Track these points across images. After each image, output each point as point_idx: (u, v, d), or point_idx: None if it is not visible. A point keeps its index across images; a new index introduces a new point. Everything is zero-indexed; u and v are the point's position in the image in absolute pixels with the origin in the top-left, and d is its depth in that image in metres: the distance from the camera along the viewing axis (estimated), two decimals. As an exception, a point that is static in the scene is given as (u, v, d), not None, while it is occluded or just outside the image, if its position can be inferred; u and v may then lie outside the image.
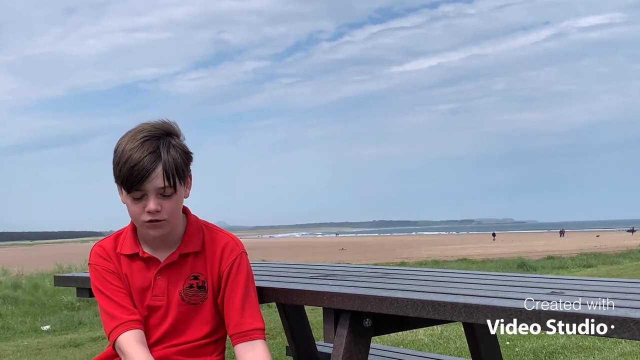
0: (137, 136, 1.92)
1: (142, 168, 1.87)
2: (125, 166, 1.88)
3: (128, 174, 1.88)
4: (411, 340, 5.89)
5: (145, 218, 1.95)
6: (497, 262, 21.06)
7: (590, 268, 16.77)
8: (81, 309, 10.32)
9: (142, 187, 1.90)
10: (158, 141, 1.92)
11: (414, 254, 41.47)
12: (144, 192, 1.91)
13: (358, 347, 2.09)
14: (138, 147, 1.89)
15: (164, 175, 1.90)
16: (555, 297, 1.81)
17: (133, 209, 1.95)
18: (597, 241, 51.39)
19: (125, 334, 1.98)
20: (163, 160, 1.90)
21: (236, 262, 2.09)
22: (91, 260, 2.11)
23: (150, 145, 1.90)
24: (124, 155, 1.89)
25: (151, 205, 1.92)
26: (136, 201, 1.93)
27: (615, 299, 1.76)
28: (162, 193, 1.93)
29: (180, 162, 1.94)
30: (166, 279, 2.07)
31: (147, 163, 1.88)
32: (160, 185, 1.91)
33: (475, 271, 2.98)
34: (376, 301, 1.97)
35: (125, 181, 1.90)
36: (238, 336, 2.04)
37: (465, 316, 1.77)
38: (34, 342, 7.67)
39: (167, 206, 1.95)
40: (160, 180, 1.90)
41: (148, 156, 1.88)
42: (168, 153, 1.91)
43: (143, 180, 1.88)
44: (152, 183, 1.90)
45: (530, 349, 5.27)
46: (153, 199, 1.92)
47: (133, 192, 1.91)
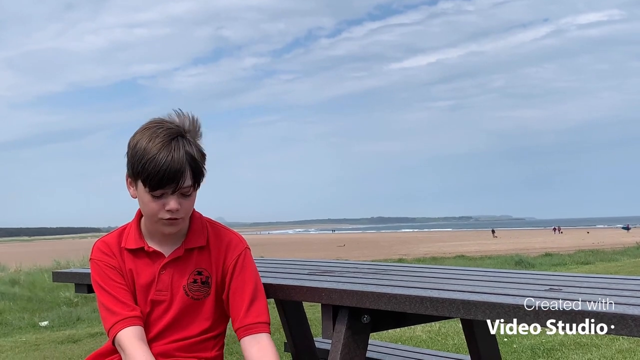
0: (158, 133, 1.91)
1: (173, 169, 1.87)
2: (152, 165, 1.87)
3: (156, 173, 1.87)
4: (409, 337, 5.90)
5: (164, 216, 1.95)
6: (495, 258, 21.07)
7: (588, 265, 16.79)
8: (79, 305, 10.31)
9: (168, 187, 1.90)
10: (182, 140, 1.92)
11: (412, 250, 41.50)
12: (167, 191, 1.92)
13: (356, 343, 2.10)
14: (164, 145, 1.89)
15: (190, 175, 1.92)
16: (553, 293, 1.82)
17: (152, 205, 1.95)
18: (594, 238, 51.43)
19: (125, 330, 1.98)
20: (189, 161, 1.91)
21: (241, 257, 2.10)
22: (93, 255, 2.11)
23: (177, 144, 1.90)
24: (148, 152, 1.88)
25: (173, 205, 1.93)
26: (156, 199, 1.93)
27: (613, 295, 1.77)
28: (183, 192, 1.94)
29: (200, 162, 1.96)
30: (170, 274, 2.07)
31: (177, 164, 1.88)
32: (184, 186, 1.92)
33: (473, 268, 2.98)
34: (374, 297, 1.98)
35: (152, 180, 1.89)
36: (243, 330, 2.05)
37: (463, 312, 1.78)
38: (32, 338, 7.68)
39: (186, 205, 1.97)
40: (184, 180, 1.91)
41: (178, 156, 1.88)
42: (193, 152, 1.92)
43: (173, 181, 1.89)
44: (178, 184, 1.90)
45: (528, 345, 5.28)
46: (175, 198, 1.93)
47: (157, 191, 1.91)
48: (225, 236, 2.14)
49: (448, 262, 20.69)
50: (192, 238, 2.09)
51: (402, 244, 59.87)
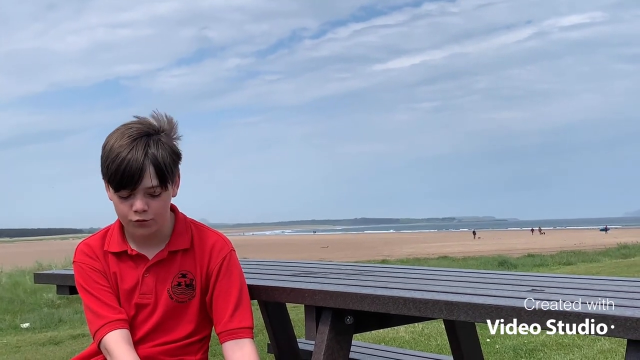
0: (125, 133, 1.88)
1: (131, 168, 1.84)
2: (114, 165, 1.85)
3: (116, 173, 1.85)
4: (392, 338, 5.90)
5: (132, 217, 1.92)
6: (477, 259, 21.18)
7: (569, 266, 16.92)
8: (61, 307, 10.24)
9: (130, 186, 1.87)
10: (148, 139, 1.88)
11: (395, 251, 41.62)
12: (132, 192, 1.89)
13: (340, 345, 2.10)
14: (127, 145, 1.86)
15: (153, 175, 1.88)
16: (535, 294, 1.83)
17: (120, 207, 1.92)
18: (577, 239, 51.85)
19: (111, 333, 1.95)
20: (152, 160, 1.87)
21: (226, 260, 2.08)
22: (76, 258, 2.07)
23: (140, 144, 1.86)
24: (112, 152, 1.86)
25: (138, 205, 1.90)
26: (123, 200, 1.91)
27: (591, 296, 1.78)
28: (150, 193, 1.90)
29: (169, 161, 1.91)
30: (154, 277, 2.05)
31: (136, 163, 1.84)
32: (148, 185, 1.88)
33: (456, 269, 3.00)
34: (358, 299, 1.98)
35: (114, 180, 1.87)
36: (226, 334, 2.03)
37: (446, 313, 1.79)
38: (14, 340, 7.61)
39: (154, 206, 1.93)
40: (148, 180, 1.87)
41: (137, 156, 1.85)
42: (157, 152, 1.88)
43: (132, 181, 1.85)
44: (142, 184, 1.87)
45: (510, 346, 5.30)
46: (140, 199, 1.89)
47: (121, 191, 1.89)
48: (210, 238, 2.11)
49: (431, 263, 20.78)
50: (176, 240, 2.07)
51: (385, 245, 60.02)
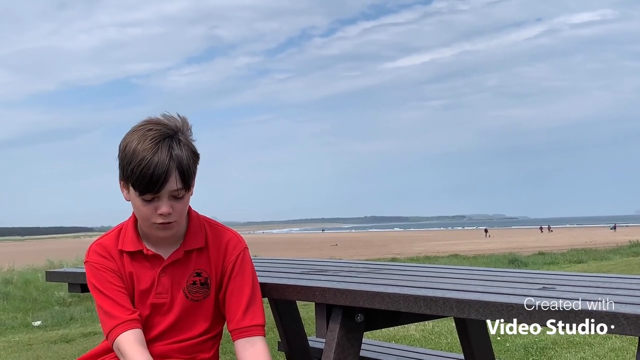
0: (147, 135, 1.86)
1: (158, 172, 1.83)
2: (140, 169, 1.83)
3: (143, 177, 1.84)
4: (402, 336, 5.90)
5: (157, 220, 1.92)
6: (488, 257, 21.11)
7: (580, 264, 16.85)
8: (72, 305, 10.28)
9: (157, 190, 1.86)
10: (171, 141, 1.87)
11: (405, 249, 41.56)
12: (158, 195, 1.88)
13: (350, 342, 2.10)
14: (151, 148, 1.84)
15: (178, 178, 1.87)
16: (546, 292, 1.83)
17: (144, 210, 1.91)
18: (587, 237, 51.61)
19: (124, 334, 1.95)
20: (177, 163, 1.86)
21: (239, 257, 2.08)
22: (89, 258, 2.06)
23: (164, 147, 1.85)
24: (137, 156, 1.84)
25: (164, 209, 1.89)
26: (147, 203, 1.90)
27: (607, 294, 1.77)
28: (174, 195, 1.90)
29: (191, 163, 1.91)
30: (170, 276, 2.05)
31: (162, 167, 1.83)
32: (174, 188, 1.88)
33: (466, 267, 2.99)
34: (368, 296, 1.98)
35: (140, 184, 1.86)
36: (238, 332, 2.03)
37: (457, 311, 1.78)
38: (25, 338, 7.65)
39: (178, 208, 1.93)
40: (174, 183, 1.87)
41: (163, 159, 1.83)
42: (181, 154, 1.87)
43: (160, 185, 1.85)
44: (167, 187, 1.87)
45: (521, 344, 5.28)
46: (166, 202, 1.89)
47: (145, 195, 1.88)
48: (224, 236, 2.11)
49: (442, 261, 20.73)
50: (191, 239, 2.06)
51: (395, 243, 59.95)
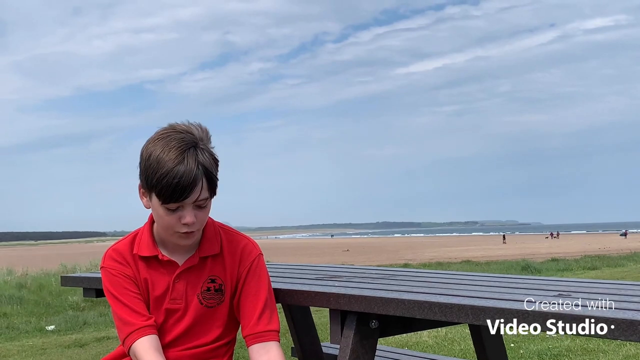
0: (172, 145, 1.84)
1: (187, 182, 1.81)
2: (166, 178, 1.81)
3: (169, 186, 1.82)
4: (415, 342, 5.89)
5: (180, 229, 1.91)
6: (501, 264, 21.00)
7: (594, 270, 16.74)
8: (86, 309, 10.33)
9: (183, 200, 1.85)
10: (195, 150, 1.85)
11: (417, 255, 41.44)
12: (182, 204, 1.87)
13: (364, 349, 2.10)
14: (176, 157, 1.82)
15: (204, 187, 1.87)
16: (562, 299, 1.82)
17: (168, 220, 1.90)
18: (600, 243, 51.27)
19: (140, 340, 1.95)
20: (203, 173, 1.85)
21: (254, 263, 2.08)
22: (105, 263, 2.06)
23: (191, 156, 1.83)
24: (162, 165, 1.82)
25: (189, 219, 1.88)
26: (171, 212, 1.88)
27: (619, 301, 1.77)
28: (199, 205, 1.89)
29: (214, 171, 1.90)
30: (185, 283, 2.05)
31: (191, 177, 1.81)
32: (201, 197, 1.87)
33: (479, 273, 2.98)
34: (383, 303, 1.98)
35: (165, 193, 1.83)
36: (253, 337, 2.03)
37: (472, 318, 1.78)
38: (39, 342, 7.69)
39: (201, 216, 1.92)
40: (199, 192, 1.86)
41: (190, 168, 1.82)
42: (206, 163, 1.86)
43: (184, 194, 1.83)
44: (193, 196, 1.86)
45: (535, 351, 5.27)
46: (190, 211, 1.88)
47: (170, 204, 1.86)
48: (239, 242, 2.11)
49: (454, 267, 20.65)
50: (206, 246, 2.06)
51: (407, 248, 59.77)
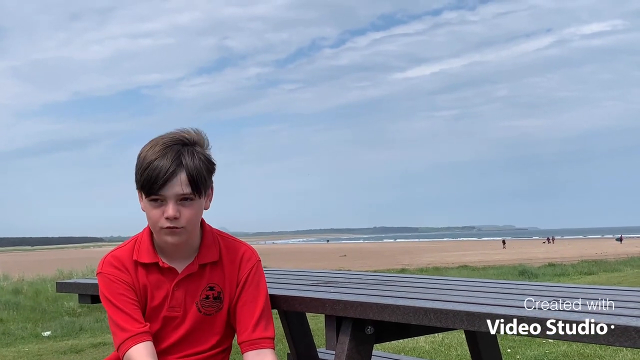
0: (158, 142, 1.94)
1: (162, 172, 1.88)
2: (147, 171, 1.90)
3: (148, 178, 1.89)
4: (412, 348, 5.88)
5: (163, 224, 1.94)
6: (498, 269, 21.02)
7: (591, 275, 16.75)
8: (82, 315, 10.30)
9: (162, 192, 1.90)
10: (180, 148, 1.93)
11: (414, 260, 41.46)
12: (164, 198, 1.91)
13: (360, 355, 2.10)
14: (159, 152, 1.91)
15: (184, 182, 1.91)
16: (557, 305, 1.82)
17: (152, 214, 1.95)
18: (597, 248, 51.34)
19: (136, 346, 1.96)
20: (184, 167, 1.91)
21: (252, 270, 2.10)
22: (103, 269, 2.06)
23: (172, 151, 1.91)
24: (146, 160, 1.91)
25: (170, 211, 1.92)
26: (155, 207, 1.93)
27: (617, 307, 1.77)
28: (182, 200, 1.93)
29: (202, 170, 1.95)
30: (184, 290, 2.06)
31: (168, 168, 1.89)
32: (180, 192, 1.91)
33: (476, 278, 2.98)
34: (378, 309, 1.98)
35: (145, 185, 1.91)
36: (248, 344, 2.04)
37: (467, 324, 1.78)
38: (35, 348, 7.66)
39: (186, 213, 1.95)
40: (179, 186, 1.90)
41: (169, 161, 1.89)
42: (190, 160, 1.92)
43: (163, 185, 1.89)
44: (172, 189, 1.90)
45: (532, 356, 5.26)
46: (172, 205, 1.92)
47: (152, 197, 1.92)
48: (238, 249, 2.13)
49: (451, 273, 20.65)
50: (205, 253, 2.08)
51: (404, 253, 59.79)
